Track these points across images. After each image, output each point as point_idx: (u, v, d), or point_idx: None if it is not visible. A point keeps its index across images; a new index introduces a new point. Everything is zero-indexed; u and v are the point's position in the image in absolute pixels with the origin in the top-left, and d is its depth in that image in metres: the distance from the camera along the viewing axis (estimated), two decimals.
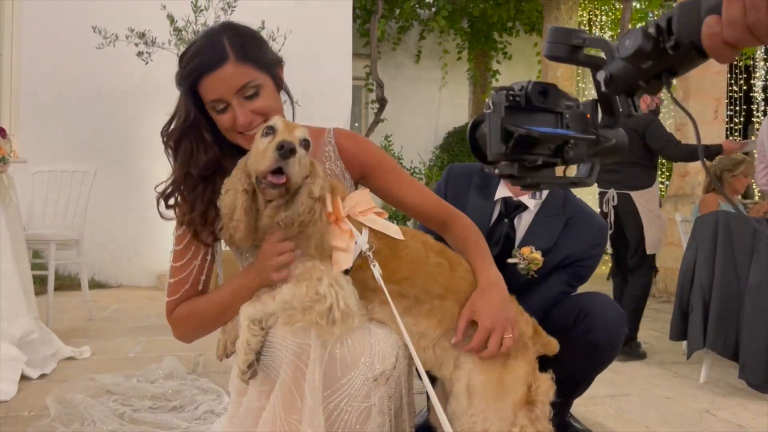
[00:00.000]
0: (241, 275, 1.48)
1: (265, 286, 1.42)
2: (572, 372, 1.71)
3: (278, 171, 1.30)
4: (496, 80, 11.47)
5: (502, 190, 2.09)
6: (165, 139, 1.55)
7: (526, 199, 2.06)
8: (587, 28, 11.23)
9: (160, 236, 6.68)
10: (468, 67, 11.69)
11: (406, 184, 1.62)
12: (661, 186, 10.76)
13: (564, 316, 1.79)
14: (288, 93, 1.61)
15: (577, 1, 10.30)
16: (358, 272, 1.41)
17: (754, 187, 8.08)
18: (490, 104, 0.76)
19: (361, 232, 1.43)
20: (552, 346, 1.56)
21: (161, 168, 7.06)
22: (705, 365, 3.45)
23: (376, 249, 1.43)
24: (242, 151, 1.51)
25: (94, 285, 6.05)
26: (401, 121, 11.02)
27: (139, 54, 5.19)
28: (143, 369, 2.93)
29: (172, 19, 5.02)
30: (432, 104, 11.82)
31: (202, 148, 1.51)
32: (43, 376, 3.00)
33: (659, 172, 10.91)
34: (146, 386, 2.59)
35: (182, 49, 5.10)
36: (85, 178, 4.53)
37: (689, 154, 4.30)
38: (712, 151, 4.40)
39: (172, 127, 1.54)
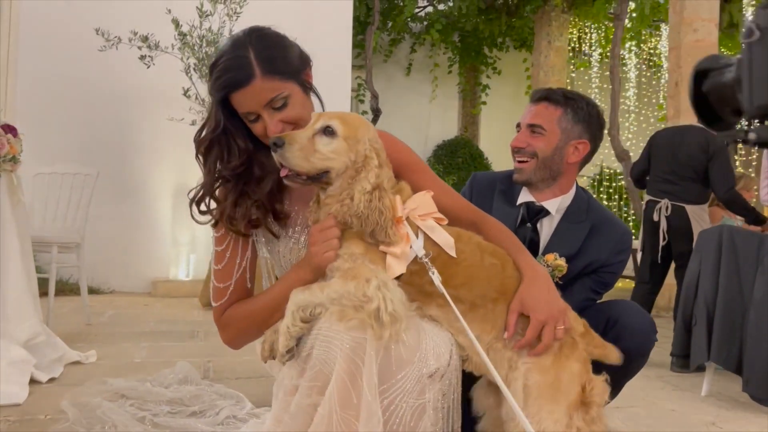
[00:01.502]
0: (292, 270, 1.49)
1: (318, 278, 1.43)
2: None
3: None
4: (486, 94, 11.59)
5: (525, 195, 2.10)
6: (196, 146, 1.59)
7: (547, 203, 2.08)
8: (578, 46, 11.43)
9: (155, 242, 6.62)
10: (458, 81, 11.80)
11: (435, 184, 1.64)
12: None
13: (592, 324, 1.80)
14: (317, 93, 1.66)
15: (567, 19, 10.48)
16: (414, 276, 1.42)
17: (753, 201, 8.25)
18: (755, 27, 0.52)
19: (417, 236, 1.44)
20: (611, 352, 1.57)
21: (159, 173, 7.06)
22: (706, 379, 3.49)
23: (434, 254, 1.43)
24: None
25: (88, 290, 5.97)
26: (391, 132, 11.02)
27: (142, 58, 5.16)
28: (155, 374, 2.90)
29: (177, 23, 5.00)
30: (422, 117, 11.90)
31: (235, 152, 1.55)
32: (52, 380, 2.95)
33: None
34: (162, 391, 2.55)
35: (186, 54, 5.12)
36: (87, 180, 4.48)
37: (733, 203, 4.32)
38: (755, 216, 4.36)
39: (203, 134, 1.57)
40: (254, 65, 1.47)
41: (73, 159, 5.06)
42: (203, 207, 1.59)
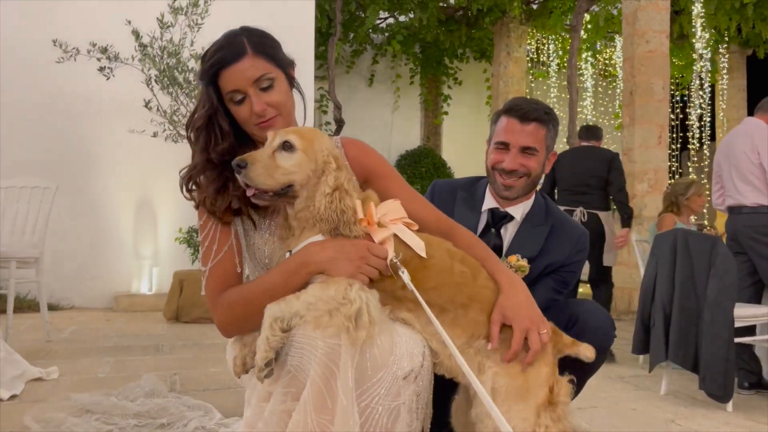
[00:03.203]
0: (296, 255, 1.48)
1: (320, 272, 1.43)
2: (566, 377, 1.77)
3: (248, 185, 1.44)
4: (448, 105, 11.73)
5: (489, 201, 2.16)
6: (188, 128, 1.66)
7: (512, 209, 2.14)
8: (536, 57, 11.66)
9: (117, 256, 6.51)
10: (420, 92, 11.91)
11: (407, 192, 1.69)
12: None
13: (554, 323, 1.86)
14: (300, 91, 1.74)
15: (525, 30, 10.70)
16: (387, 281, 1.45)
17: (705, 206, 8.48)
18: None
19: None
20: (584, 349, 1.62)
21: (120, 186, 6.94)
22: (665, 378, 3.59)
23: (406, 259, 1.47)
24: (256, 143, 1.63)
25: (47, 306, 5.83)
26: None
27: (101, 69, 5.09)
28: (120, 388, 2.85)
29: (137, 34, 4.96)
30: (385, 127, 11.97)
31: (221, 135, 1.61)
32: (13, 397, 2.89)
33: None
34: (128, 404, 2.52)
35: (147, 65, 5.08)
36: (45, 194, 4.39)
37: (622, 202, 5.03)
38: (629, 215, 5.09)
39: (196, 115, 1.64)
40: (246, 44, 1.58)
41: (32, 172, 4.96)
42: (191, 186, 1.63)
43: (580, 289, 9.09)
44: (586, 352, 1.62)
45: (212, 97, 1.60)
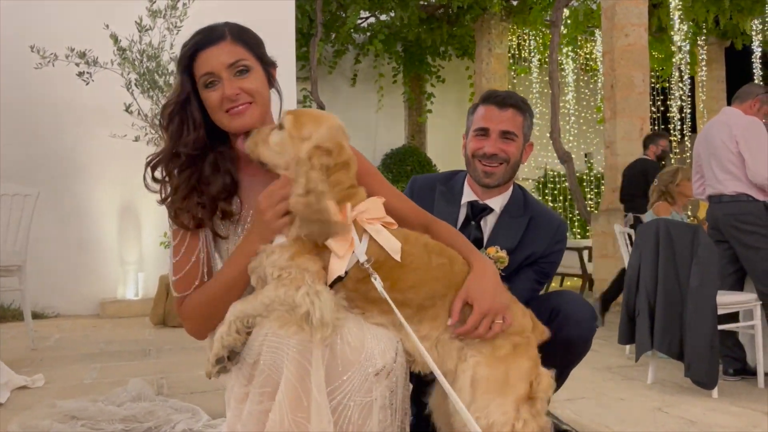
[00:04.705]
0: (240, 245, 1.51)
1: (268, 241, 1.45)
2: (549, 369, 1.79)
3: None
4: (431, 103, 11.75)
5: (468, 194, 2.18)
6: (162, 113, 1.65)
7: (491, 201, 2.16)
8: (517, 53, 11.71)
9: (102, 262, 6.46)
10: (403, 90, 11.93)
11: (385, 188, 1.67)
12: (596, 202, 11.25)
13: (537, 315, 1.88)
14: (278, 90, 1.72)
15: (506, 27, 10.74)
16: (359, 284, 1.43)
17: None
18: None
19: (361, 241, 1.44)
20: (545, 333, 1.64)
21: (103, 191, 6.88)
22: (651, 367, 3.62)
23: (381, 260, 1.44)
24: (228, 141, 1.63)
25: (32, 315, 5.77)
26: None
27: (80, 74, 5.05)
28: (107, 393, 2.84)
29: (116, 38, 4.92)
30: (369, 126, 11.98)
31: (192, 125, 1.60)
32: None
33: (598, 189, 11.46)
34: (114, 409, 2.50)
35: (127, 69, 5.04)
36: (27, 201, 4.35)
37: None
38: None
39: (169, 100, 1.63)
40: (226, 31, 1.58)
41: (12, 179, 4.91)
42: (158, 176, 1.61)
43: (568, 283, 9.22)
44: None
45: (186, 84, 1.59)
